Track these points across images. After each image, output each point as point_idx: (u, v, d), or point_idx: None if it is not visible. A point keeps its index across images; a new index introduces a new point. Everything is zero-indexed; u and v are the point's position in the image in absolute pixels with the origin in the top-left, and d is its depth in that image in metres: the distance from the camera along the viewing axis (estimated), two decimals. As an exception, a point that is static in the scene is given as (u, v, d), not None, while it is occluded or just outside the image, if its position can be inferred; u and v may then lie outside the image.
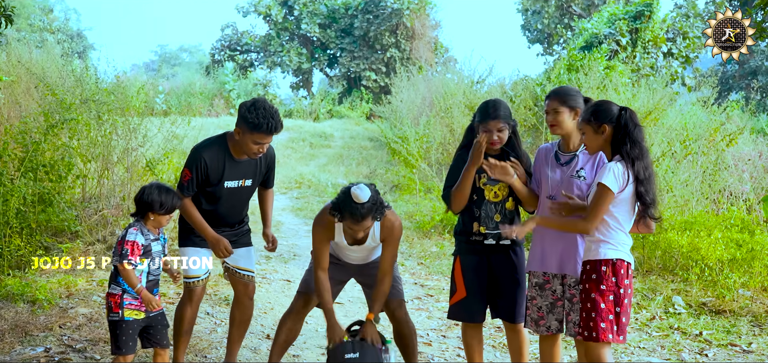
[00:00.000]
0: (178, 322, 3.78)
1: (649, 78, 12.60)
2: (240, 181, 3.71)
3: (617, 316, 3.00)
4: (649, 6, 15.57)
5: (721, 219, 7.09)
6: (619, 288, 3.01)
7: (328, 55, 29.28)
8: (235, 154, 3.67)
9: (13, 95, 9.55)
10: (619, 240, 3.04)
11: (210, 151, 3.63)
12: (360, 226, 3.30)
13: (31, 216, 6.09)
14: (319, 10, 28.45)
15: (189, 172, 3.59)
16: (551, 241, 3.33)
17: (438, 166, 12.24)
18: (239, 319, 3.94)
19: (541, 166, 3.44)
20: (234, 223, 3.84)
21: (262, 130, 3.49)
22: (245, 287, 3.92)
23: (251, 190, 3.84)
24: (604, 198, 2.98)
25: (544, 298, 3.36)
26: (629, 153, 3.01)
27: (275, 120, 3.51)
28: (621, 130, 3.03)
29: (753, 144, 10.05)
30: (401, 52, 26.52)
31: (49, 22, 34.92)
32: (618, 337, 3.01)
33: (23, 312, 4.72)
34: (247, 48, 29.93)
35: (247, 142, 3.55)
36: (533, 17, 28.69)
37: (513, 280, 3.48)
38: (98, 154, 7.35)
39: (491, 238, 3.47)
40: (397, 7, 25.94)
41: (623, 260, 3.03)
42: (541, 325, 3.37)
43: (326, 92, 28.38)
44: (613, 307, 3.00)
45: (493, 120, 3.39)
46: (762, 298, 5.65)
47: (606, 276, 3.01)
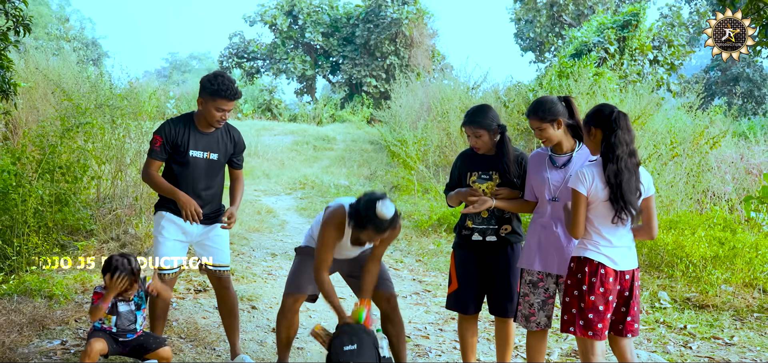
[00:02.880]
0: (152, 309, 3.85)
1: (636, 84, 12.61)
2: (205, 152, 3.76)
3: (581, 312, 2.98)
4: (636, 16, 15.59)
5: (704, 218, 7.10)
6: (583, 284, 2.98)
7: (331, 63, 29.29)
8: (201, 127, 3.75)
9: (32, 101, 9.56)
10: (591, 240, 3.02)
11: (177, 121, 3.78)
12: (379, 237, 3.29)
13: (49, 215, 6.09)
14: (323, 19, 28.49)
15: (159, 137, 3.69)
16: (550, 241, 3.29)
17: (435, 168, 12.25)
18: (226, 311, 3.99)
19: (536, 172, 3.38)
20: (203, 207, 3.78)
21: (221, 95, 3.60)
22: (219, 281, 3.95)
23: (219, 166, 3.84)
24: (577, 201, 3.00)
25: (537, 296, 3.34)
26: (606, 155, 2.99)
27: (233, 87, 3.64)
28: (607, 132, 3.01)
29: (735, 147, 10.06)
30: (400, 60, 26.52)
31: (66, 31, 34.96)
32: (585, 333, 2.98)
33: (41, 307, 4.72)
34: (253, 55, 29.93)
35: (210, 109, 3.65)
36: (526, 26, 28.70)
37: (505, 275, 3.48)
38: (112, 156, 7.36)
39: (477, 233, 3.48)
40: (397, 17, 25.97)
41: (589, 259, 2.99)
42: (532, 321, 3.36)
43: (329, 98, 28.39)
44: (577, 302, 2.99)
45: (467, 125, 3.48)
46: (743, 294, 5.65)
47: (571, 271, 3.05)
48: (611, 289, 3.00)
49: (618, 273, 3.02)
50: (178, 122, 3.75)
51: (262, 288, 5.88)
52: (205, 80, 3.66)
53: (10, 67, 5.18)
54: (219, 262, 3.91)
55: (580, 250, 3.05)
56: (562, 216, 3.24)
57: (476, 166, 3.52)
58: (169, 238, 3.75)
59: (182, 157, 3.71)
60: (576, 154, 3.33)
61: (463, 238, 3.55)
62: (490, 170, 3.48)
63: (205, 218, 3.79)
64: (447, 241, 8.22)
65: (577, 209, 3.00)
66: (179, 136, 3.70)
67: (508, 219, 3.50)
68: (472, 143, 3.51)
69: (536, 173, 3.38)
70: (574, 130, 3.33)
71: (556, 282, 3.34)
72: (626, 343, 3.10)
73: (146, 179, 3.77)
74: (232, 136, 3.88)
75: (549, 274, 3.32)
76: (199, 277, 5.83)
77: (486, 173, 3.48)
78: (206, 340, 4.42)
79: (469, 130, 3.47)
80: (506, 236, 3.48)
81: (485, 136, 3.45)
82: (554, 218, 3.28)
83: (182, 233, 3.79)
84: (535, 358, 3.43)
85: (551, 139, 3.30)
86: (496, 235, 3.48)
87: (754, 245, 6.13)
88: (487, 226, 3.48)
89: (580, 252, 3.05)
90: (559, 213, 3.27)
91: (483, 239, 3.48)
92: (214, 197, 3.86)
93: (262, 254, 7.32)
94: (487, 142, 3.46)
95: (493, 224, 3.48)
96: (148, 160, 3.75)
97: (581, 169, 3.03)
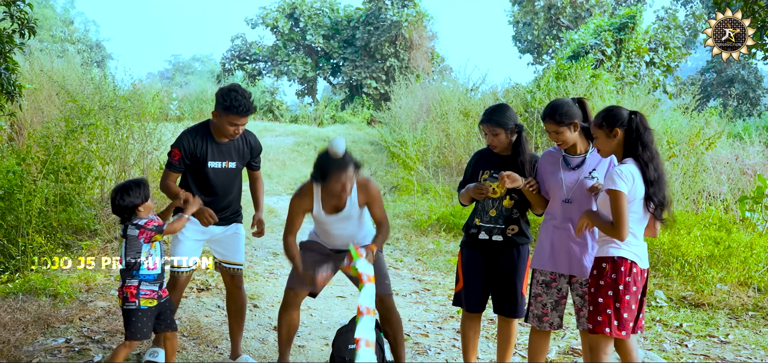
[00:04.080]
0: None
1: (632, 86, 12.61)
2: (223, 162, 3.75)
3: (617, 311, 2.92)
4: (633, 18, 15.59)
5: (700, 218, 7.09)
6: (619, 284, 2.92)
7: (332, 65, 29.28)
8: (217, 137, 3.72)
9: (36, 102, 9.56)
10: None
11: (194, 132, 3.73)
12: (346, 177, 3.29)
13: (53, 215, 6.09)
14: (323, 22, 28.49)
15: (178, 151, 3.67)
16: (563, 242, 3.25)
17: (434, 169, 12.24)
18: (234, 309, 3.98)
19: (550, 173, 3.34)
20: (224, 213, 3.82)
21: (234, 111, 3.56)
22: (232, 279, 3.95)
23: (236, 173, 3.85)
24: (620, 202, 2.89)
25: (550, 296, 3.31)
26: (641, 155, 2.94)
27: (247, 102, 3.58)
28: (632, 133, 2.97)
29: (730, 148, 10.06)
30: (400, 62, 26.51)
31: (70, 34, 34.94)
32: (619, 332, 2.92)
33: (45, 305, 4.72)
34: (255, 58, 29.92)
35: (224, 123, 3.62)
36: (524, 29, 28.69)
37: (510, 276, 3.45)
38: (116, 156, 7.37)
39: (484, 232, 3.47)
40: (396, 20, 25.96)
41: (624, 258, 2.94)
42: (545, 321, 3.32)
43: (330, 99, 28.39)
44: (613, 302, 2.92)
45: (484, 123, 3.46)
46: (738, 293, 5.65)
47: (605, 272, 2.96)
48: (639, 286, 2.99)
49: (642, 271, 3.00)
50: (195, 134, 3.71)
51: (263, 287, 5.87)
52: (219, 95, 3.60)
53: (15, 69, 5.18)
54: (234, 261, 3.92)
55: (612, 249, 2.96)
56: (575, 217, 3.21)
57: (490, 164, 3.50)
58: (189, 237, 3.75)
59: (201, 167, 3.71)
60: (589, 155, 3.30)
61: (470, 237, 3.54)
62: (503, 170, 3.41)
63: (224, 219, 3.82)
64: (446, 240, 8.22)
65: (621, 210, 2.88)
66: (198, 149, 3.68)
67: (515, 219, 3.46)
68: (489, 142, 3.47)
69: (550, 174, 3.33)
70: (587, 132, 3.30)
71: (568, 282, 3.32)
72: (632, 339, 3.08)
73: (164, 189, 3.76)
74: (248, 142, 3.88)
75: (561, 274, 3.29)
76: (202, 276, 5.83)
77: (497, 172, 3.44)
78: (208, 338, 4.41)
79: (487, 128, 3.44)
80: (513, 237, 3.45)
81: (502, 134, 3.42)
82: (567, 219, 3.25)
83: (201, 232, 3.79)
84: (536, 357, 3.40)
85: (567, 142, 3.27)
86: (502, 234, 3.45)
87: (749, 245, 6.12)
88: (495, 226, 3.45)
89: (612, 252, 2.96)
90: (571, 214, 3.23)
91: (489, 238, 3.46)
92: (233, 202, 3.89)
93: (263, 253, 7.32)
94: (503, 140, 3.44)
95: (500, 224, 3.45)
96: (166, 171, 3.75)
97: (617, 169, 2.93)
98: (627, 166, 2.94)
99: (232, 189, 3.85)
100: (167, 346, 3.51)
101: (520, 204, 3.47)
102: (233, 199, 3.88)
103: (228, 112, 3.57)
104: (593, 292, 2.99)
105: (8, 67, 5.00)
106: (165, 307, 3.44)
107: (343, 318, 4.82)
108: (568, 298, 3.36)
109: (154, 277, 3.33)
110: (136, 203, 3.29)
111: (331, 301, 5.45)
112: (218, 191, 3.77)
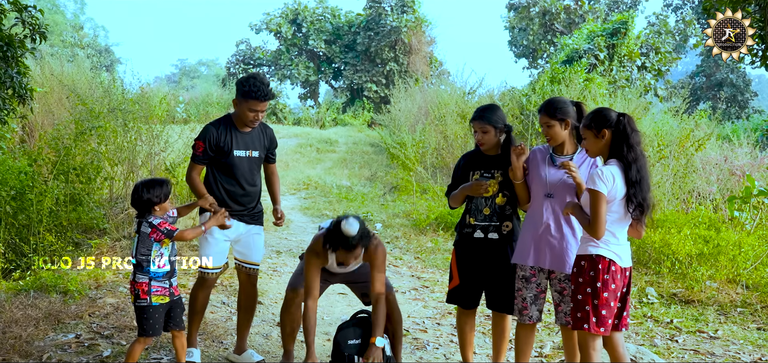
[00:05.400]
0: (192, 303, 3.85)
1: (624, 89, 12.63)
2: (247, 150, 3.76)
3: (595, 308, 2.91)
4: (625, 24, 15.61)
5: (690, 217, 7.10)
6: (597, 282, 2.92)
7: (333, 69, 29.31)
8: (240, 127, 3.74)
9: (47, 105, 9.58)
10: (603, 238, 2.94)
11: (218, 124, 3.75)
12: (352, 255, 3.29)
13: (63, 215, 6.09)
14: (325, 27, 28.52)
15: (202, 143, 3.68)
16: (546, 238, 3.25)
17: (433, 169, 12.25)
18: (245, 305, 3.99)
19: (537, 167, 3.35)
20: (249, 203, 3.82)
21: (253, 97, 3.59)
22: (248, 277, 3.97)
23: (259, 162, 3.87)
24: (598, 201, 2.88)
25: (529, 290, 3.33)
26: (625, 156, 2.93)
27: (266, 88, 3.60)
28: (620, 134, 2.96)
29: (719, 149, 10.06)
30: (399, 66, 26.53)
31: (80, 39, 34.95)
32: (598, 329, 2.91)
33: (56, 302, 4.72)
34: (259, 62, 29.94)
35: (244, 110, 3.64)
36: (519, 34, 28.70)
37: (504, 273, 3.44)
38: (124, 158, 7.37)
39: (480, 230, 3.46)
40: (396, 25, 25.98)
41: (603, 256, 2.93)
42: (525, 314, 3.34)
43: (331, 102, 28.42)
44: (591, 299, 2.92)
45: (475, 120, 3.48)
46: (727, 289, 5.65)
47: (584, 270, 2.96)
48: (619, 285, 2.97)
49: (623, 269, 2.99)
50: (219, 125, 3.73)
51: (267, 284, 5.88)
52: (239, 82, 3.66)
53: (26, 73, 5.19)
54: (253, 261, 3.94)
55: (591, 247, 2.96)
56: (557, 213, 3.22)
57: (480, 164, 3.50)
58: (219, 239, 3.76)
59: (227, 157, 3.72)
60: (576, 156, 3.30)
61: (464, 236, 3.52)
62: (493, 169, 3.45)
63: (248, 216, 3.83)
64: (444, 239, 8.22)
65: (598, 209, 2.88)
66: (222, 139, 3.70)
67: (509, 216, 3.46)
68: (477, 138, 3.48)
69: (534, 169, 3.35)
70: (578, 136, 3.30)
71: (547, 277, 3.33)
72: (618, 337, 3.08)
73: (189, 182, 3.78)
74: (267, 134, 3.91)
75: (541, 269, 3.30)
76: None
77: (488, 172, 3.46)
78: (214, 334, 4.42)
79: (477, 125, 3.46)
80: (507, 234, 3.45)
81: (491, 132, 3.43)
82: (548, 215, 3.25)
83: (228, 233, 3.79)
84: (522, 350, 3.41)
85: (556, 138, 3.27)
86: (498, 232, 3.44)
87: (737, 243, 6.13)
88: (489, 223, 3.44)
89: (591, 250, 2.96)
90: (553, 209, 3.24)
91: (485, 236, 3.45)
92: (256, 193, 3.89)
93: (267, 251, 7.32)
94: (492, 139, 3.45)
95: (495, 221, 3.44)
96: (191, 163, 3.77)
97: (598, 170, 2.92)
98: (609, 167, 2.93)
99: (256, 180, 3.86)
100: (176, 345, 3.51)
101: (513, 200, 3.47)
102: (257, 191, 3.89)
103: (247, 97, 3.59)
104: (573, 289, 3.00)
105: (20, 71, 5.01)
106: (176, 305, 3.44)
107: (344, 314, 4.83)
108: (547, 293, 3.38)
109: (163, 274, 3.34)
110: (154, 201, 3.31)
111: (333, 297, 5.45)
112: (243, 181, 3.77)
